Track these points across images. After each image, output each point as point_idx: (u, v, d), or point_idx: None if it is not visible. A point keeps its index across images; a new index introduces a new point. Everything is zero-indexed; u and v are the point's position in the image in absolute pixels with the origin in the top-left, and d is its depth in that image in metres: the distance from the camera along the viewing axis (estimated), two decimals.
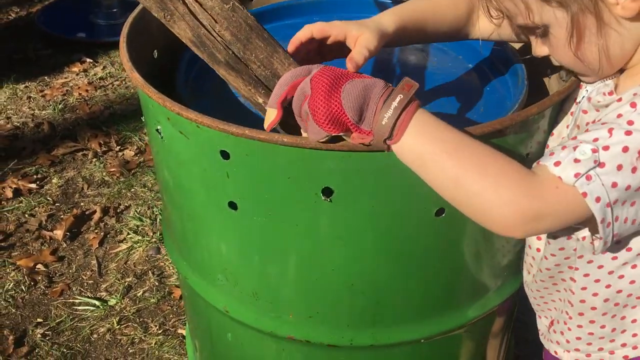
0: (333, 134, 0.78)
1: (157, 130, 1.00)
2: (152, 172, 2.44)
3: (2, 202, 2.29)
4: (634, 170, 0.72)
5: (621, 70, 0.85)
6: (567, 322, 1.00)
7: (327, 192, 0.88)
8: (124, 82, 3.05)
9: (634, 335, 0.96)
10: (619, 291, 0.91)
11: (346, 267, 0.97)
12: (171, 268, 2.06)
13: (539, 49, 0.88)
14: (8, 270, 2.04)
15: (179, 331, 1.85)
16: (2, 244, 2.14)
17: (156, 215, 2.25)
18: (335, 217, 0.91)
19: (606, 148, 0.72)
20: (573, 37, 0.80)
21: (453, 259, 1.01)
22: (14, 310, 1.92)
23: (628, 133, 0.72)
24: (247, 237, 1.00)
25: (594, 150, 0.72)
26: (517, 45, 1.31)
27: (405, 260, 0.97)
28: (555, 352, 1.06)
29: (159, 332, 1.85)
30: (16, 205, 2.28)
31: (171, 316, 1.90)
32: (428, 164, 0.76)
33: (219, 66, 0.88)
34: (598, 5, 0.76)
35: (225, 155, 0.90)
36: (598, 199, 0.72)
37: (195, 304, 1.28)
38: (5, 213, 2.25)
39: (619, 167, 0.72)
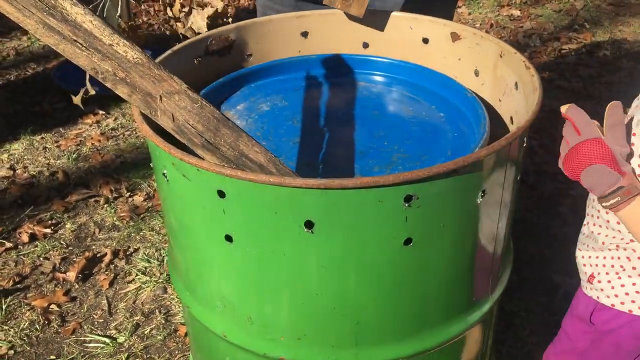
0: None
1: (163, 174, 1.14)
2: (159, 217, 2.58)
3: (19, 247, 2.43)
4: None
5: None
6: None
7: (309, 224, 1.01)
8: (134, 132, 3.22)
9: None
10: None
11: (328, 291, 1.09)
12: (177, 307, 2.17)
13: None
14: (24, 310, 2.16)
15: None
16: (18, 285, 2.26)
17: (163, 257, 2.38)
18: (316, 246, 1.04)
19: None
20: None
21: (424, 283, 1.12)
22: (28, 348, 2.02)
23: None
24: (241, 267, 1.12)
25: None
26: (487, 95, 1.46)
27: (380, 284, 1.09)
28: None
29: None
30: (32, 249, 2.42)
31: (177, 352, 2.00)
32: None
33: (197, 147, 1.04)
34: None
35: (221, 194, 1.04)
36: None
37: (197, 332, 1.40)
38: (22, 256, 2.39)
39: None
